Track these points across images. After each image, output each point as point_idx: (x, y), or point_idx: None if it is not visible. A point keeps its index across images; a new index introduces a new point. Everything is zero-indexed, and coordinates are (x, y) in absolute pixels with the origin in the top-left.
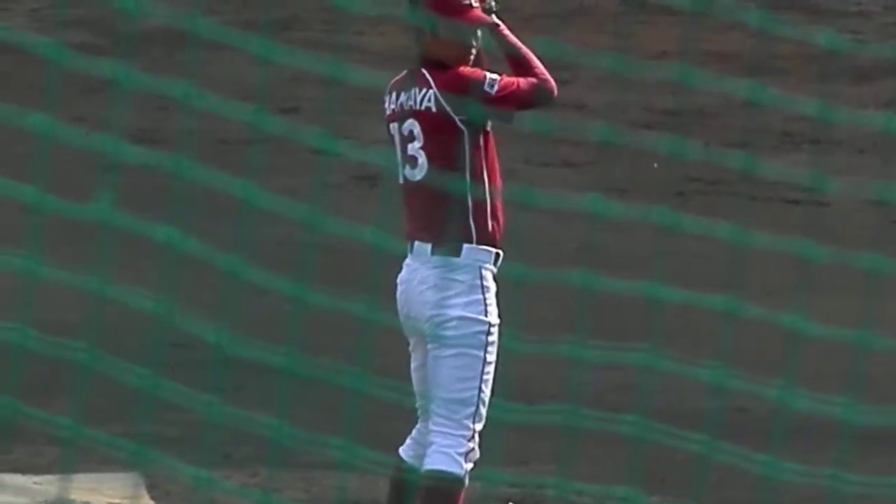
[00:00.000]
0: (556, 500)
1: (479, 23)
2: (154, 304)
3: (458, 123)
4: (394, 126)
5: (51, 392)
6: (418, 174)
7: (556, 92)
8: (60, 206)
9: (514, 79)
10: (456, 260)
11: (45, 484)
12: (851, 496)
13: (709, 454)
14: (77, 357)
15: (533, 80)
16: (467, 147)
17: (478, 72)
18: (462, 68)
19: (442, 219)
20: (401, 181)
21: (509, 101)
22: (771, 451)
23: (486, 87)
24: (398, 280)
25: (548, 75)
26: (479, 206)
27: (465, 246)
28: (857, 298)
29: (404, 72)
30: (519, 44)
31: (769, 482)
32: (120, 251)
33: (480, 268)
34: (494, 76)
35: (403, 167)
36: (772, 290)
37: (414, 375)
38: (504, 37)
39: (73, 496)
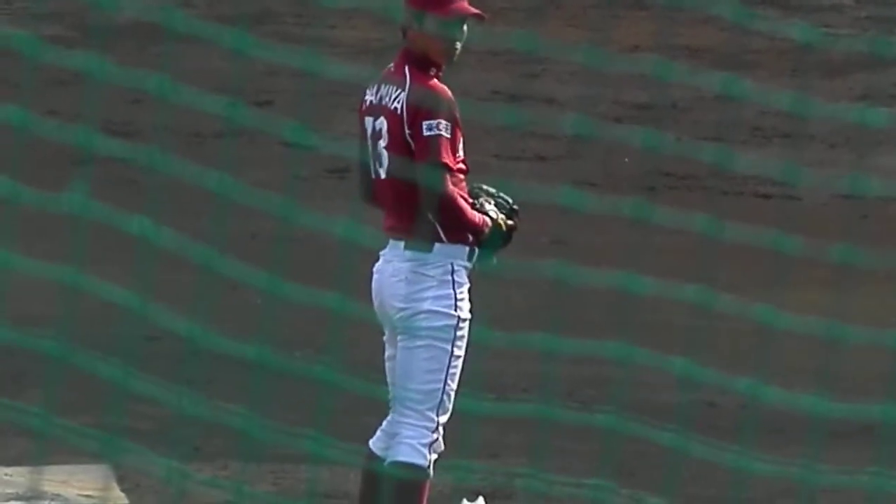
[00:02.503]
0: (527, 493)
1: (465, 15)
2: (126, 296)
3: (407, 137)
4: (368, 120)
5: (21, 383)
6: (383, 173)
7: (445, 199)
8: (33, 198)
9: (446, 157)
10: (427, 255)
11: (15, 475)
12: (822, 489)
13: (680, 448)
14: (48, 349)
15: (459, 204)
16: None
17: (443, 109)
18: (437, 88)
19: (412, 216)
20: (373, 176)
21: (427, 152)
22: (742, 445)
23: (425, 129)
24: (374, 269)
25: (472, 226)
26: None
27: (437, 244)
28: (828, 292)
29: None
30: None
31: (740, 476)
32: (93, 244)
33: (452, 263)
34: (445, 124)
35: (374, 163)
36: (743, 283)
37: (386, 366)
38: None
39: (43, 488)
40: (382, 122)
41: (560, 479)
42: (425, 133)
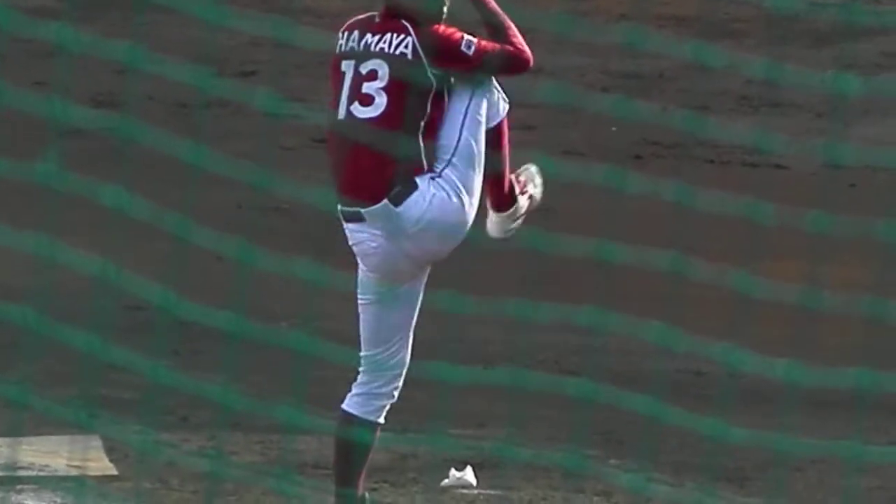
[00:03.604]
0: (514, 462)
1: None
2: (106, 267)
3: (430, 76)
4: (347, 63)
5: (6, 356)
6: (373, 112)
7: (531, 62)
8: (8, 168)
9: (490, 43)
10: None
11: (3, 447)
12: (807, 459)
13: (665, 417)
14: (28, 321)
15: (509, 47)
16: (429, 102)
17: (456, 32)
18: (439, 26)
19: (392, 168)
20: (340, 117)
21: (485, 65)
22: (722, 414)
23: (464, 48)
24: (369, 250)
25: (524, 45)
26: (429, 162)
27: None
28: (809, 261)
29: (366, 15)
30: (498, 10)
31: (726, 445)
32: (70, 214)
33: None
34: (471, 38)
35: (349, 104)
36: (724, 252)
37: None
38: (484, 3)
39: (29, 459)
40: (379, 65)
41: (547, 448)
42: (468, 51)
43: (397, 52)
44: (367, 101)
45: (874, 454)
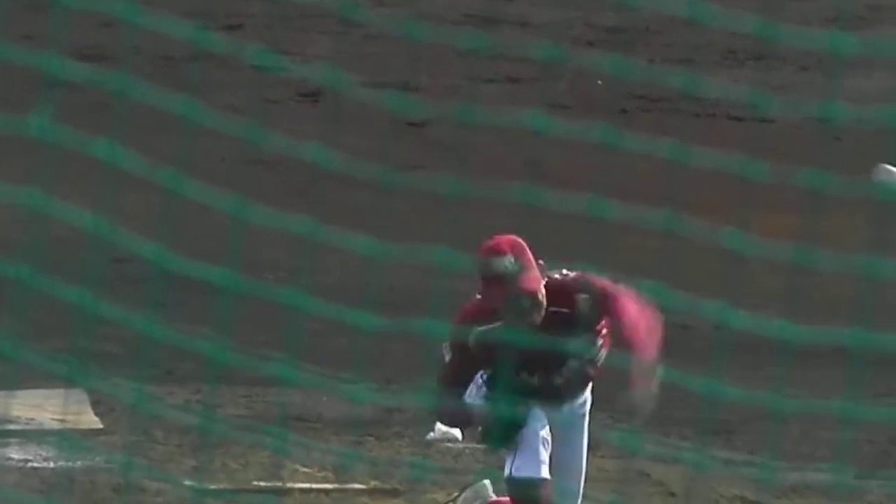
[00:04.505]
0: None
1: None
2: (94, 220)
3: None
4: None
5: None
6: None
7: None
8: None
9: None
10: None
11: None
12: (791, 414)
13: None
14: (17, 273)
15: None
16: None
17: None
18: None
19: None
20: None
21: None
22: (713, 368)
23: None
24: None
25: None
26: None
27: None
28: (798, 215)
29: None
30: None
31: (712, 400)
32: (60, 167)
33: None
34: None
35: None
36: (713, 207)
37: None
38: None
39: (15, 413)
40: None
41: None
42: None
43: None
44: None
45: (861, 409)
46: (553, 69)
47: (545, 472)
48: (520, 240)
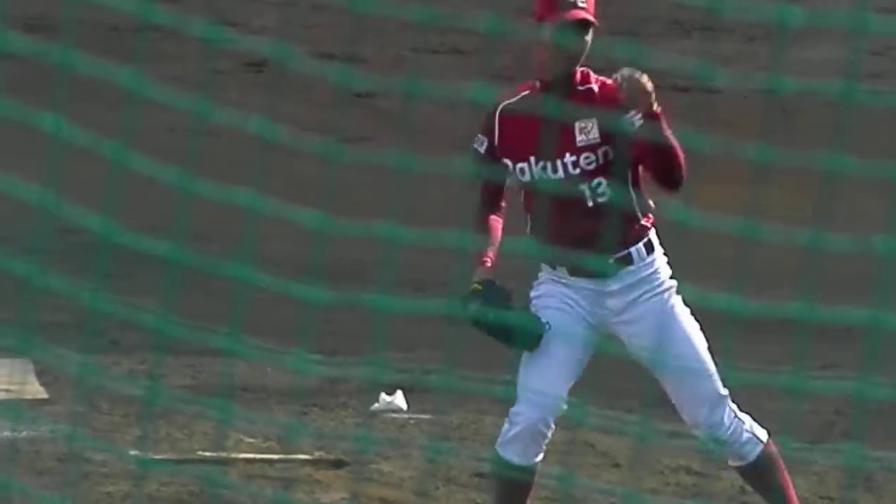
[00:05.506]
0: (443, 388)
1: None
2: (39, 192)
3: None
4: None
5: None
6: None
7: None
8: None
9: None
10: None
11: None
12: (735, 386)
13: (600, 345)
14: None
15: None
16: None
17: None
18: None
19: None
20: None
21: None
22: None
23: None
24: None
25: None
26: None
27: None
28: (741, 187)
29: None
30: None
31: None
32: (4, 140)
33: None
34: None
35: None
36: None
37: None
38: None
39: None
40: None
41: (476, 375)
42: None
43: None
44: None
45: (807, 382)
46: (497, 40)
47: (530, 459)
48: None
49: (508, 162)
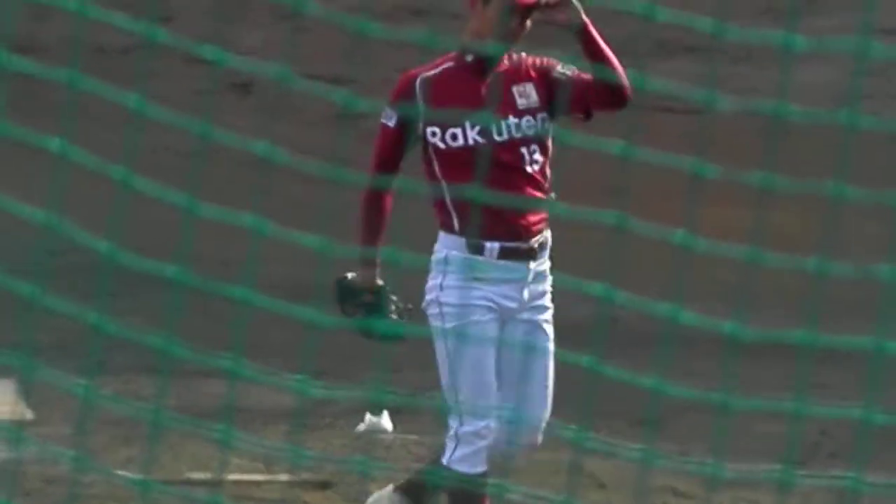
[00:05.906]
0: (432, 410)
1: None
2: (37, 213)
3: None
4: None
5: None
6: None
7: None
8: None
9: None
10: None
11: None
12: (732, 411)
13: (595, 369)
14: None
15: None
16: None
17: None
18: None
19: None
20: None
21: None
22: (655, 361)
23: None
24: None
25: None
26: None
27: (440, 232)
28: (686, 203)
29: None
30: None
31: (652, 396)
32: (5, 160)
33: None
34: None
35: None
36: (598, 193)
37: None
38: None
39: None
40: None
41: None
42: None
43: None
44: None
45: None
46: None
47: (482, 467)
48: None
49: (435, 129)
